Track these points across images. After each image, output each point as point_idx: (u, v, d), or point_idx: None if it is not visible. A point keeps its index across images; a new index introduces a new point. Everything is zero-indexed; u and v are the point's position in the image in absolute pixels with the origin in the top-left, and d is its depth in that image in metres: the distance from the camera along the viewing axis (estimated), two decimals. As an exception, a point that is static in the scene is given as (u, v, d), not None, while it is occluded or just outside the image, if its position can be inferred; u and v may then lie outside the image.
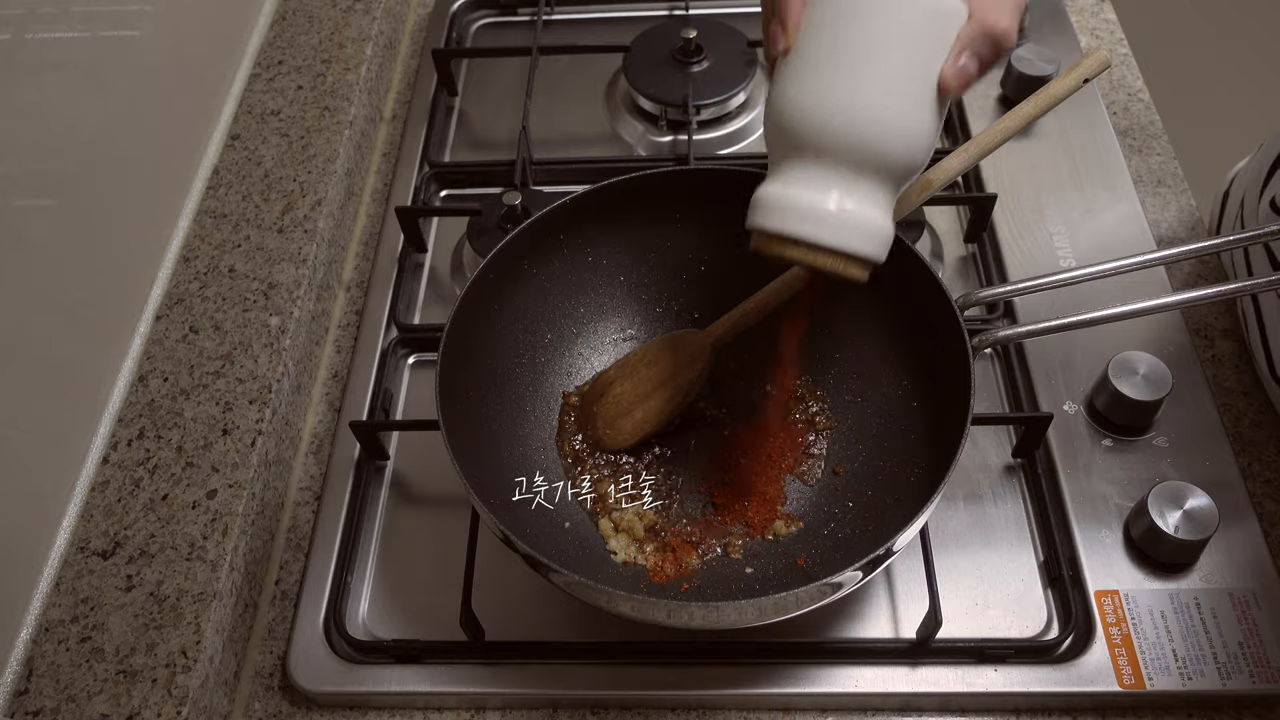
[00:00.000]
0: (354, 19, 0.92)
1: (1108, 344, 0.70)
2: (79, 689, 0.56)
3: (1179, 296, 0.61)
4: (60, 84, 0.63)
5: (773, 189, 0.50)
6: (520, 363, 0.68)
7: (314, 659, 0.61)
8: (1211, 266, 0.80)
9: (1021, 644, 0.60)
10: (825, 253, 0.49)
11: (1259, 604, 0.60)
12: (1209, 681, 0.58)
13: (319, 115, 0.84)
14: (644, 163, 0.87)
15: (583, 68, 0.95)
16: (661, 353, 0.68)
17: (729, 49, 0.90)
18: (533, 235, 0.66)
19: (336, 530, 0.66)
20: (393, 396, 0.75)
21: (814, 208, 0.49)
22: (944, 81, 0.48)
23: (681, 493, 0.66)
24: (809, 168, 0.49)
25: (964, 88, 0.48)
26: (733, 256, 0.71)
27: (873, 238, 0.49)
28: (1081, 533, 0.64)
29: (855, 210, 0.49)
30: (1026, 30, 0.93)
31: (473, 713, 0.61)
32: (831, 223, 0.48)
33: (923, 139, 0.49)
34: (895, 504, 0.61)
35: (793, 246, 0.49)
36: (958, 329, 0.58)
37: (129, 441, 0.65)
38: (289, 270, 0.73)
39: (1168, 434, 0.67)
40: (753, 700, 0.60)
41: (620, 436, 0.67)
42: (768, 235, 0.50)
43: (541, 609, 0.63)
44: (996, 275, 0.77)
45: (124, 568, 0.60)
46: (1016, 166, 0.82)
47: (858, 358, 0.68)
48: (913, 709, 0.60)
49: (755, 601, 0.51)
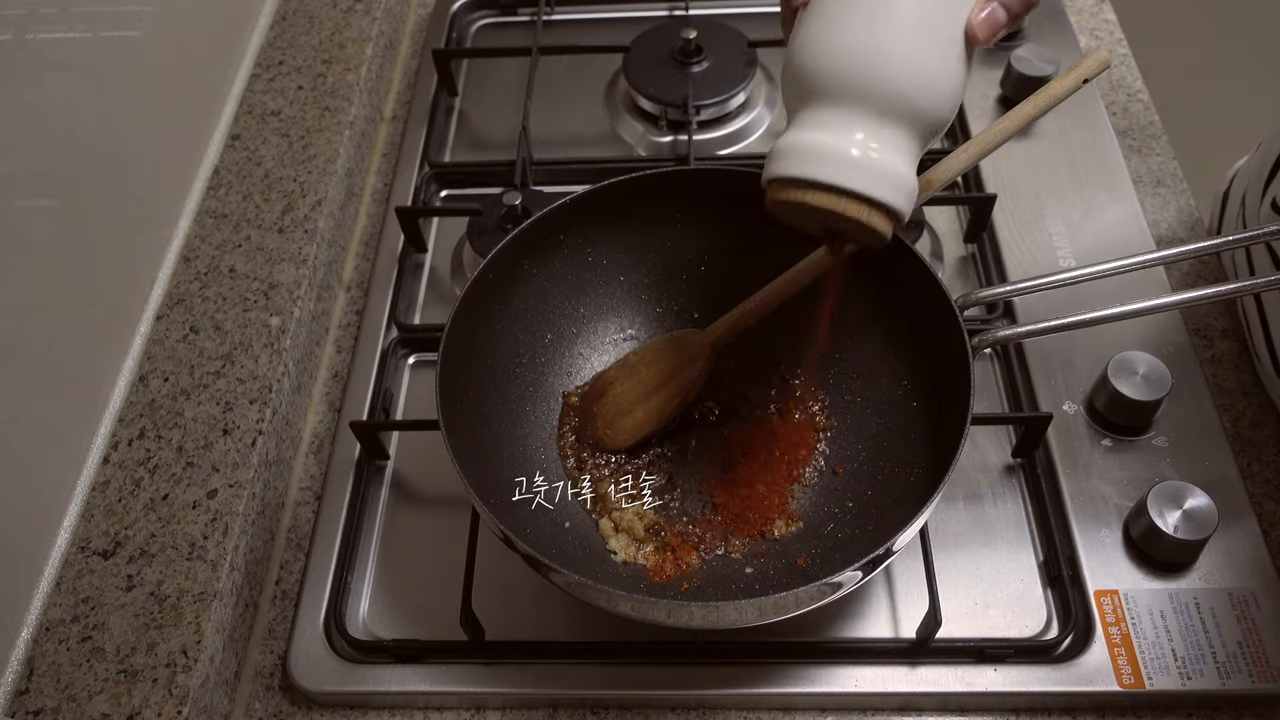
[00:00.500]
0: (354, 19, 0.92)
1: (1107, 344, 0.70)
2: (79, 688, 0.56)
3: (1179, 296, 0.61)
4: (61, 84, 0.63)
5: (793, 136, 0.48)
6: (520, 363, 0.69)
7: (314, 659, 0.61)
8: (1211, 267, 0.80)
9: (1021, 644, 0.60)
10: (850, 198, 0.46)
11: (1258, 604, 0.60)
12: (1208, 681, 0.58)
13: (319, 115, 0.84)
14: (644, 163, 0.87)
15: (583, 68, 0.95)
16: (661, 353, 0.68)
17: (729, 49, 0.90)
18: (533, 235, 0.66)
19: (337, 530, 0.66)
20: (393, 396, 0.75)
21: (839, 151, 0.46)
22: (971, 30, 0.46)
23: (681, 493, 0.66)
24: (831, 112, 0.47)
25: (991, 36, 0.47)
26: (733, 256, 0.71)
27: (898, 187, 0.47)
28: (1081, 533, 0.64)
29: (880, 156, 0.46)
30: (1026, 30, 0.93)
31: (473, 712, 0.61)
32: (857, 167, 0.46)
33: (948, 88, 0.47)
34: (895, 504, 0.61)
35: (814, 193, 0.47)
36: (958, 329, 0.58)
37: (129, 441, 0.65)
38: (289, 270, 0.74)
39: (1167, 434, 0.67)
40: (753, 700, 0.60)
41: (620, 436, 0.67)
42: (788, 184, 0.47)
43: (541, 609, 0.63)
44: (996, 275, 0.77)
45: (124, 567, 0.60)
46: (1016, 166, 0.82)
47: (858, 358, 0.68)
48: (912, 709, 0.60)
49: (755, 601, 0.51)
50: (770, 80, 0.92)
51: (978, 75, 0.90)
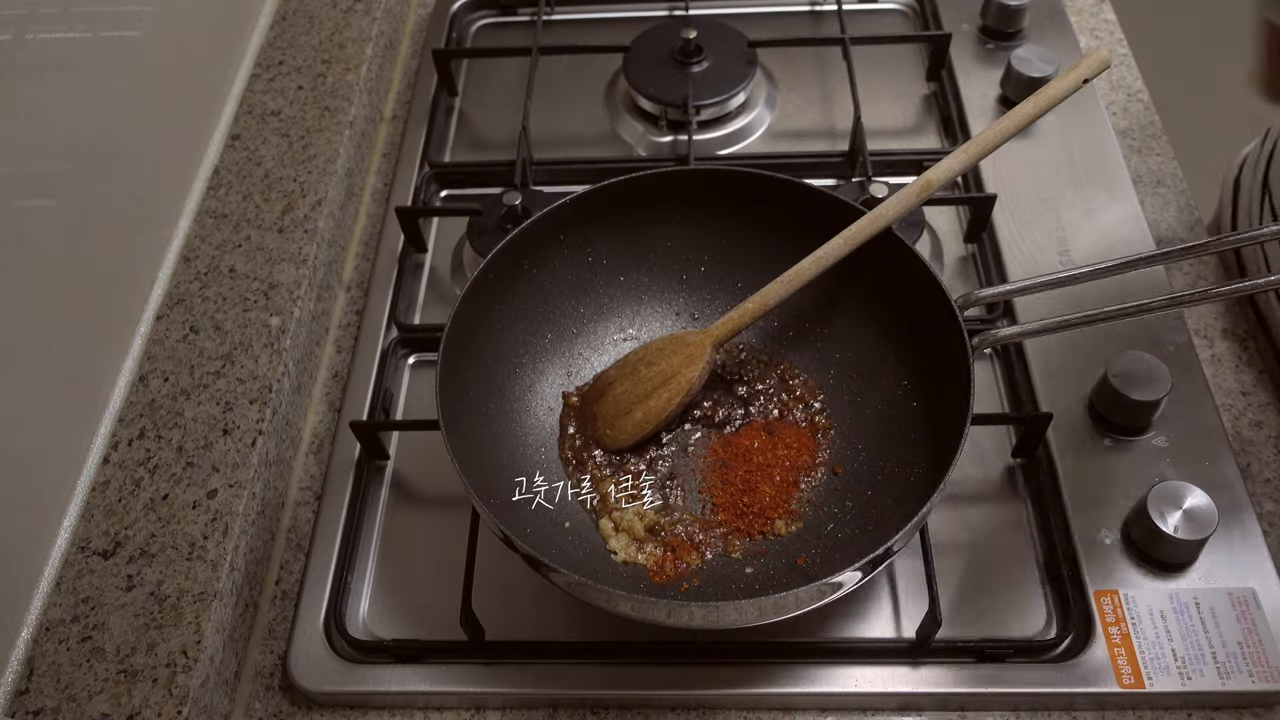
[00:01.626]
0: (354, 19, 0.92)
1: (1108, 344, 0.70)
2: (79, 688, 0.56)
3: (1179, 296, 0.61)
4: (61, 84, 0.63)
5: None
6: (520, 363, 0.69)
7: (314, 659, 0.61)
8: (1211, 266, 0.80)
9: (1021, 643, 0.60)
10: None
11: (1258, 604, 0.60)
12: (1208, 681, 0.58)
13: (319, 115, 0.84)
14: (644, 163, 0.87)
15: (583, 68, 0.95)
16: (661, 353, 0.68)
17: (729, 49, 0.90)
18: (533, 235, 0.66)
19: (337, 530, 0.66)
20: (393, 396, 0.75)
21: None
22: None
23: (682, 493, 0.66)
24: None
25: None
26: (733, 256, 0.71)
27: None
28: (1081, 533, 0.64)
29: None
30: (1026, 30, 0.93)
31: (473, 712, 0.61)
32: None
33: None
34: (895, 504, 0.61)
35: None
36: (958, 329, 0.58)
37: (129, 441, 0.65)
38: (289, 270, 0.74)
39: (1167, 434, 0.67)
40: (753, 700, 0.60)
41: (620, 436, 0.67)
42: None
43: (541, 609, 0.63)
44: (996, 275, 0.77)
45: (124, 567, 0.60)
46: (1016, 166, 0.82)
47: (858, 358, 0.68)
48: (912, 708, 0.60)
49: (755, 601, 0.51)
50: (770, 80, 0.92)
51: (978, 75, 0.90)
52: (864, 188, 0.77)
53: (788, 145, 0.88)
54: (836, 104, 0.90)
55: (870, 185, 0.77)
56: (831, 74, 0.92)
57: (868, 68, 0.89)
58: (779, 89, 0.92)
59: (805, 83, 0.92)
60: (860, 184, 0.79)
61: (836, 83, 0.92)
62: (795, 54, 0.94)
